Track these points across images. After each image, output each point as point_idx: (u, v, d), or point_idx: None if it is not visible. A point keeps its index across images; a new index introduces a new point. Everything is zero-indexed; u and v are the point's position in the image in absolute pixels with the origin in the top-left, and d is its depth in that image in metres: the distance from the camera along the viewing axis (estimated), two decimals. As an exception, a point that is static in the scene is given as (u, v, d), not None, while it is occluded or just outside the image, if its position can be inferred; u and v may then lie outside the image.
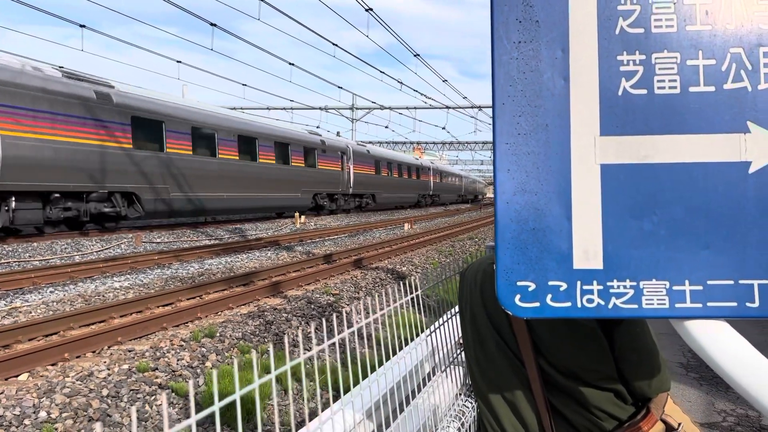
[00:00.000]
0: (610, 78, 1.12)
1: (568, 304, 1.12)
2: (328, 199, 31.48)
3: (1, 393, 4.71)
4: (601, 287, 1.12)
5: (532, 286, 1.13)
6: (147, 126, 18.51)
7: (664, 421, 1.54)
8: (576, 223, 1.12)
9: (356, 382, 1.72)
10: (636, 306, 1.11)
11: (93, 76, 17.28)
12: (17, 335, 6.14)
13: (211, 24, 20.82)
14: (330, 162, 30.96)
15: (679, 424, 1.55)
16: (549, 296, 1.13)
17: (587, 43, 1.12)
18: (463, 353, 2.34)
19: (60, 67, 17.18)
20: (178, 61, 26.06)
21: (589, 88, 1.12)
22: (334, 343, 1.41)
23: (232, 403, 0.90)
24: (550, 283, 1.13)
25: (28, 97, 14.50)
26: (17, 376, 5.16)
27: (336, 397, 1.63)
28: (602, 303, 1.12)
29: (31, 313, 7.57)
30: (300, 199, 27.90)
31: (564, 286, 1.12)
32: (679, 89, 1.10)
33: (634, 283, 1.11)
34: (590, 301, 1.12)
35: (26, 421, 4.23)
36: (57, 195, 15.60)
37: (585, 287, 1.12)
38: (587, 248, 1.12)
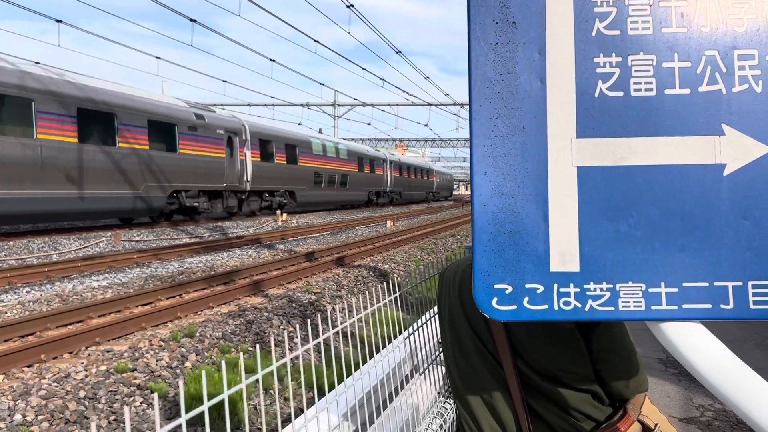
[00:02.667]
0: (586, 80, 1.12)
1: (545, 306, 1.12)
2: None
3: (-24, 396, 4.62)
4: (577, 290, 1.12)
5: (509, 289, 1.13)
6: None
7: (641, 422, 1.55)
8: (553, 225, 1.12)
9: (339, 380, 1.70)
10: (612, 308, 1.11)
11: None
12: (-8, 336, 6.03)
13: (191, 20, 20.61)
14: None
15: (656, 425, 1.56)
16: (526, 299, 1.12)
17: (564, 45, 1.12)
18: (442, 353, 2.34)
19: (36, 62, 16.89)
20: (157, 57, 25.77)
21: (566, 90, 1.12)
22: (318, 343, 1.40)
23: (214, 404, 0.88)
24: (527, 285, 1.12)
25: None
26: (-8, 378, 5.07)
27: (320, 396, 1.62)
28: (579, 305, 1.12)
29: (6, 313, 7.45)
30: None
31: (541, 288, 1.12)
32: (655, 91, 1.11)
33: (611, 286, 1.11)
34: (567, 303, 1.12)
35: (1, 425, 4.15)
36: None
37: (562, 290, 1.12)
38: (564, 251, 1.12)
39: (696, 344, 1.10)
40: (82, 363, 5.50)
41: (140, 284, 9.65)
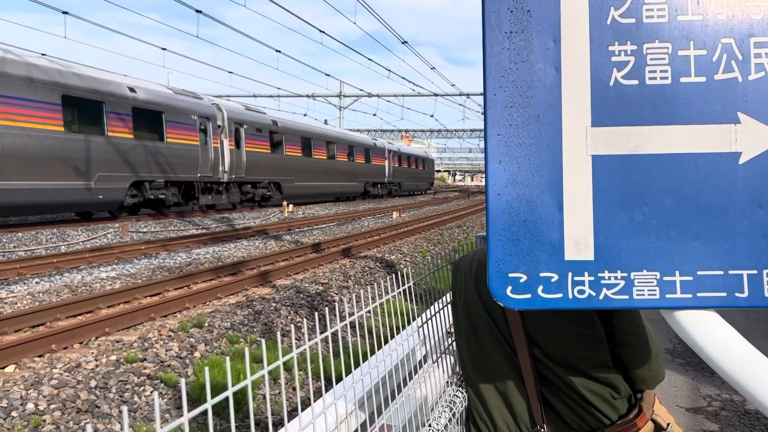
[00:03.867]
0: (601, 68, 1.11)
1: (560, 295, 1.12)
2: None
3: (-12, 385, 4.67)
4: (592, 278, 1.12)
5: (524, 278, 1.13)
6: None
7: (654, 421, 1.54)
8: (567, 214, 1.12)
9: (348, 371, 1.72)
10: (627, 297, 1.12)
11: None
12: (3, 326, 6.09)
13: (197, 11, 20.59)
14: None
15: (668, 424, 1.56)
16: (540, 287, 1.13)
17: (579, 34, 1.12)
18: (454, 343, 2.35)
19: (42, 54, 16.89)
20: (162, 49, 25.76)
21: (581, 79, 1.12)
22: (327, 335, 1.40)
23: (225, 396, 0.89)
24: (542, 274, 1.13)
25: None
26: (4, 367, 5.12)
27: (328, 387, 1.63)
28: (593, 294, 1.12)
29: (16, 304, 7.51)
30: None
31: (555, 277, 1.12)
32: (670, 80, 1.10)
33: (625, 274, 1.12)
34: (581, 292, 1.12)
35: (14, 413, 4.20)
36: None
37: (576, 278, 1.12)
38: (578, 239, 1.12)
39: (711, 332, 1.10)
40: (93, 353, 5.54)
41: (149, 275, 9.69)
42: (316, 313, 1.44)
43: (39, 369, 5.09)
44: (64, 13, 19.78)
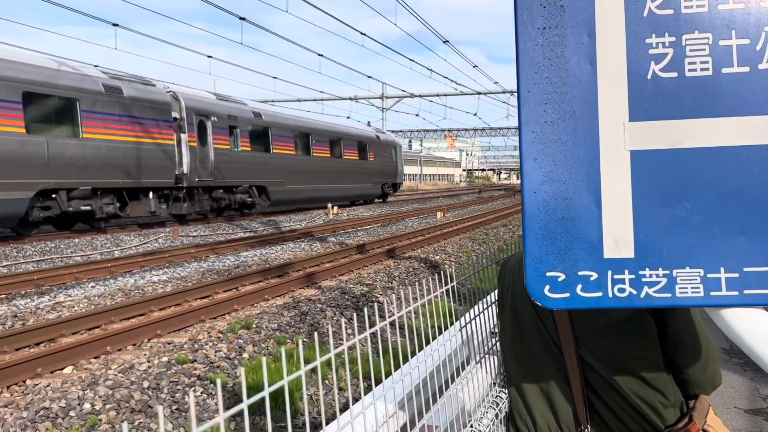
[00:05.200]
0: (638, 62, 1.09)
1: (599, 294, 1.10)
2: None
3: (48, 385, 4.87)
4: (632, 276, 1.10)
5: (562, 277, 1.11)
6: None
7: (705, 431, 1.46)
8: (606, 211, 1.10)
9: (388, 372, 1.72)
10: (669, 295, 1.09)
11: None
12: (61, 329, 6.33)
13: (240, 18, 20.97)
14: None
15: None
16: (579, 286, 1.11)
17: (614, 27, 1.09)
18: (498, 343, 2.32)
19: (95, 65, 17.48)
20: (208, 56, 26.34)
21: (617, 73, 1.10)
22: (369, 334, 1.41)
23: (271, 394, 0.90)
24: (580, 273, 1.11)
25: None
26: (62, 369, 5.32)
27: (371, 387, 1.64)
28: (634, 292, 1.09)
29: (74, 307, 7.79)
30: None
31: (594, 275, 1.10)
32: (711, 71, 1.07)
33: (667, 272, 1.09)
34: (622, 290, 1.10)
35: (71, 413, 4.36)
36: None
37: (616, 276, 1.10)
38: (618, 237, 1.10)
39: (760, 330, 1.06)
40: (145, 354, 5.71)
41: (198, 278, 9.92)
42: (355, 314, 1.45)
43: (95, 370, 5.27)
44: (115, 25, 20.42)
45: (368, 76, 38.16)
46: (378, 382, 1.55)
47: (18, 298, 8.32)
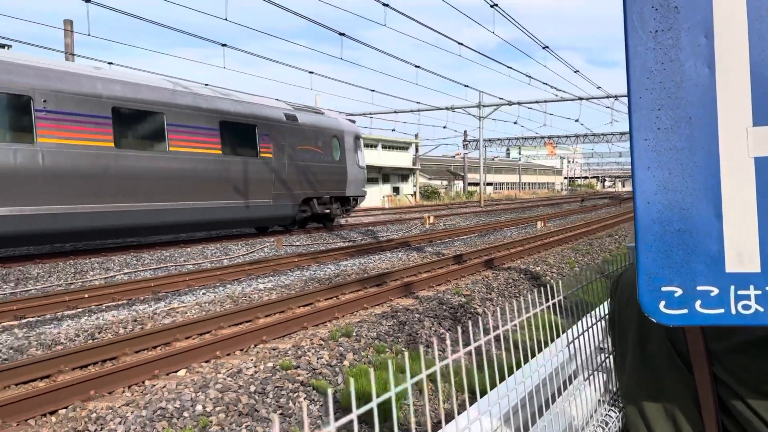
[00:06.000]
0: (763, 62, 1.02)
1: (721, 310, 1.03)
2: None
3: (164, 387, 5.18)
4: (759, 292, 1.02)
5: (679, 292, 1.05)
6: None
7: None
8: (727, 222, 1.03)
9: (493, 386, 1.69)
10: (802, 313, 1.00)
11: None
12: (175, 334, 6.72)
13: (340, 33, 21.52)
14: None
15: None
16: (698, 302, 1.04)
17: (735, 26, 1.03)
18: (608, 359, 2.22)
19: (205, 84, 18.58)
20: (310, 72, 27.21)
21: (739, 75, 1.03)
22: (473, 348, 1.40)
23: (369, 401, 0.92)
24: (699, 288, 1.04)
25: None
26: (177, 371, 5.65)
27: (473, 401, 1.62)
28: (761, 310, 1.02)
29: (186, 313, 8.25)
30: None
31: (715, 291, 1.03)
32: None
33: (800, 288, 1.00)
34: (746, 307, 1.02)
35: (185, 414, 4.61)
36: None
37: (740, 292, 1.03)
38: (741, 250, 1.02)
39: None
40: (252, 359, 5.94)
41: (301, 286, 10.23)
42: (459, 326, 1.44)
43: (206, 373, 5.55)
44: (223, 45, 21.56)
45: (465, 85, 37.95)
46: (482, 394, 1.53)
47: (137, 304, 8.93)
